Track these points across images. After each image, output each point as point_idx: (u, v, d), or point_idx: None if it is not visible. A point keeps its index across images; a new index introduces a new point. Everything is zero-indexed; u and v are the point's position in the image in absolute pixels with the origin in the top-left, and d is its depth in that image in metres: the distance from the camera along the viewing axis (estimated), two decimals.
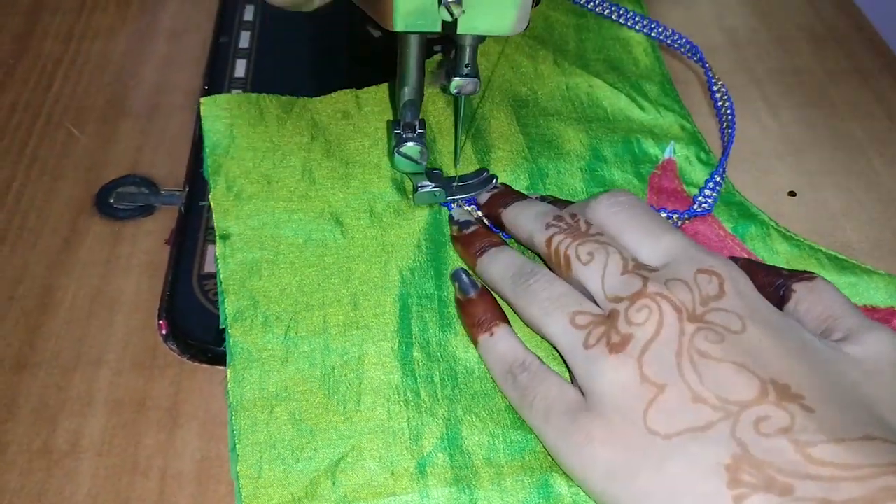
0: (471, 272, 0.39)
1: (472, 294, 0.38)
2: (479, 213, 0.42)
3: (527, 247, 0.39)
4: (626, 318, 0.31)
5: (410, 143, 0.39)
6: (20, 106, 0.50)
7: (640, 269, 0.33)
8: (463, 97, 0.40)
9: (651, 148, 0.47)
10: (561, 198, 0.43)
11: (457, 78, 0.38)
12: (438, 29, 0.35)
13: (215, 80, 0.51)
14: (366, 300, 0.39)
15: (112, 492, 0.33)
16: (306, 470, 0.33)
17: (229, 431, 0.34)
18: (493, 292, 0.38)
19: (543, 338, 0.35)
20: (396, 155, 0.40)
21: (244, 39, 0.55)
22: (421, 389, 0.36)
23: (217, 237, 0.41)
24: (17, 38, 0.55)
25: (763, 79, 0.53)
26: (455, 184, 0.43)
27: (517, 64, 0.52)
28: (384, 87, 0.49)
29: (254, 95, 0.48)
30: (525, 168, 0.45)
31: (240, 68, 0.52)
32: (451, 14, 0.33)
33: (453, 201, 0.43)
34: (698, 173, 0.46)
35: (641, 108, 0.50)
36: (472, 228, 0.40)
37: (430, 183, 0.42)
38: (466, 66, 0.38)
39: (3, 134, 0.48)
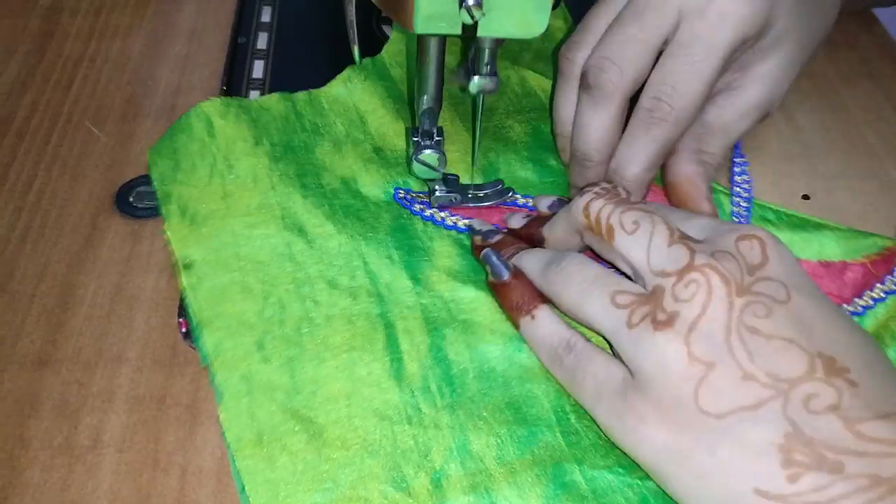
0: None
1: (506, 277, 0.37)
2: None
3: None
4: (673, 294, 0.30)
5: (428, 151, 0.40)
6: (41, 105, 0.50)
7: (686, 240, 0.32)
8: (482, 96, 0.41)
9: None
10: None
11: (477, 77, 0.38)
12: (459, 31, 0.35)
13: (233, 81, 0.52)
14: (348, 321, 0.38)
15: (133, 488, 0.33)
16: (323, 502, 0.32)
17: (233, 471, 0.33)
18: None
19: (582, 323, 0.35)
20: (414, 162, 0.40)
21: (262, 40, 0.55)
22: (421, 404, 0.35)
23: (181, 268, 0.40)
24: (38, 38, 0.55)
25: None
26: (471, 192, 0.43)
27: (446, 65, 0.52)
28: (320, 91, 0.50)
29: (190, 114, 0.47)
30: (476, 166, 0.46)
31: (258, 69, 0.53)
32: (472, 17, 0.33)
33: (433, 203, 0.43)
34: None
35: None
36: (497, 237, 0.40)
37: (445, 187, 0.43)
38: (487, 65, 0.38)
39: (24, 133, 0.48)
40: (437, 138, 0.40)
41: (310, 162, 0.45)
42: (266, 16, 0.57)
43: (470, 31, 0.35)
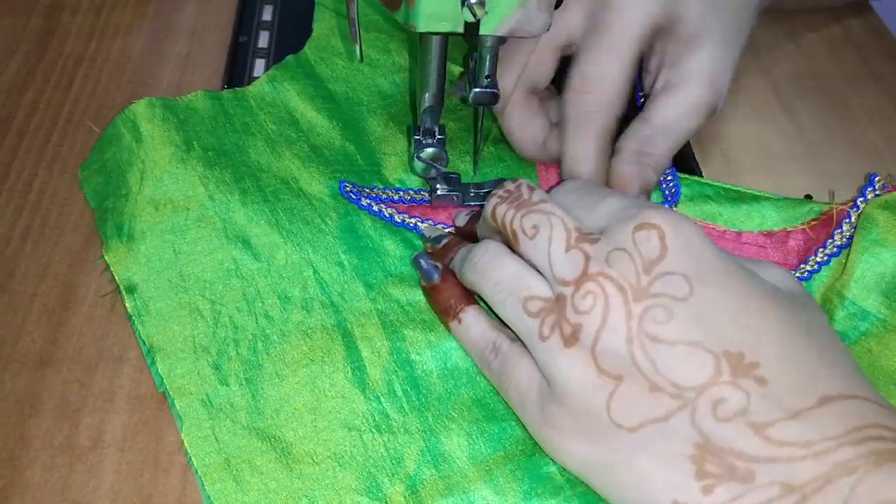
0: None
1: (436, 279, 0.37)
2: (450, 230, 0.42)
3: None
4: (573, 305, 0.30)
5: (430, 149, 0.40)
6: (41, 105, 0.50)
7: (582, 242, 0.31)
8: (482, 108, 0.40)
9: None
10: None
11: (476, 89, 0.38)
12: (461, 30, 0.35)
13: (234, 80, 0.52)
14: (304, 335, 0.37)
15: (134, 487, 0.33)
16: None
17: (203, 497, 0.33)
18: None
19: (499, 319, 0.34)
20: (416, 160, 0.40)
21: (263, 39, 0.55)
22: (388, 410, 0.35)
23: (123, 293, 0.39)
24: (38, 37, 0.55)
25: (781, 82, 0.53)
26: (472, 191, 0.43)
27: (373, 60, 0.51)
28: (246, 89, 0.49)
29: (116, 121, 0.46)
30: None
31: (259, 68, 0.53)
32: (474, 15, 0.33)
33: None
34: None
35: None
36: (444, 241, 0.40)
37: (447, 186, 0.43)
38: (487, 77, 0.38)
39: (25, 132, 0.48)
40: (438, 136, 0.40)
41: (245, 164, 0.44)
42: (267, 14, 0.57)
43: (472, 29, 0.35)
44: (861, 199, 0.40)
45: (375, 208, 0.42)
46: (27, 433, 0.35)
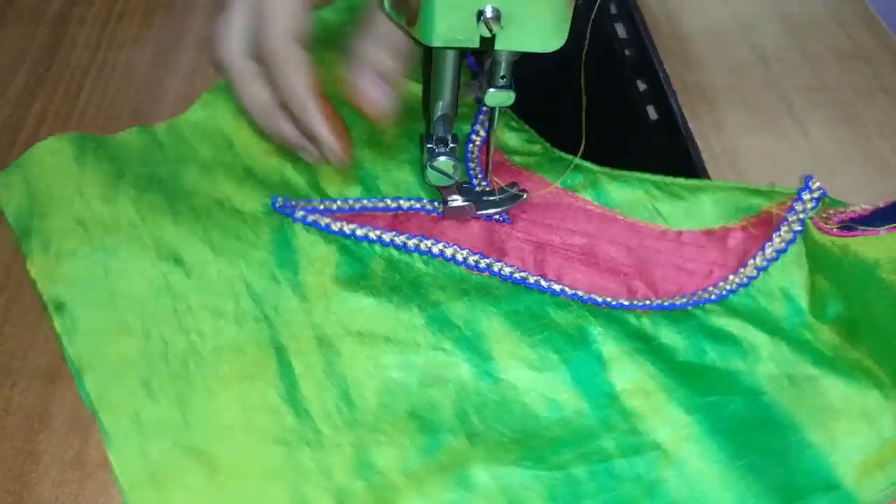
0: None
1: None
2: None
3: None
4: None
5: (443, 158, 0.39)
6: (49, 115, 0.50)
7: None
8: (496, 109, 0.40)
9: (465, 126, 0.47)
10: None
11: (492, 90, 0.38)
12: (476, 45, 0.34)
13: None
14: (237, 350, 0.37)
15: None
16: None
17: None
18: None
19: None
20: (429, 169, 0.40)
21: None
22: (320, 425, 0.35)
23: (52, 311, 0.38)
24: (45, 47, 0.55)
25: (791, 96, 0.53)
26: (485, 198, 0.43)
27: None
28: (179, 119, 0.48)
29: (42, 144, 0.44)
30: (354, 176, 0.45)
31: None
32: (490, 31, 0.33)
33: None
34: (514, 140, 0.47)
35: None
36: None
37: (459, 196, 0.42)
38: (502, 77, 0.38)
39: (33, 143, 0.47)
40: (451, 145, 0.40)
41: (180, 189, 0.43)
42: None
43: (487, 44, 0.35)
44: (798, 202, 0.41)
45: (310, 219, 0.41)
46: (37, 448, 0.34)
